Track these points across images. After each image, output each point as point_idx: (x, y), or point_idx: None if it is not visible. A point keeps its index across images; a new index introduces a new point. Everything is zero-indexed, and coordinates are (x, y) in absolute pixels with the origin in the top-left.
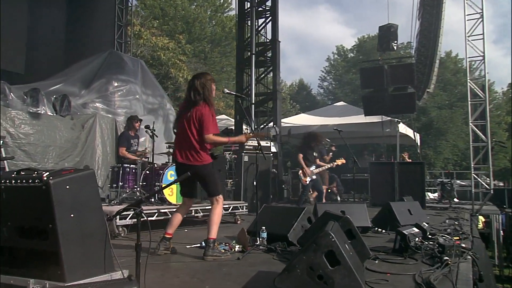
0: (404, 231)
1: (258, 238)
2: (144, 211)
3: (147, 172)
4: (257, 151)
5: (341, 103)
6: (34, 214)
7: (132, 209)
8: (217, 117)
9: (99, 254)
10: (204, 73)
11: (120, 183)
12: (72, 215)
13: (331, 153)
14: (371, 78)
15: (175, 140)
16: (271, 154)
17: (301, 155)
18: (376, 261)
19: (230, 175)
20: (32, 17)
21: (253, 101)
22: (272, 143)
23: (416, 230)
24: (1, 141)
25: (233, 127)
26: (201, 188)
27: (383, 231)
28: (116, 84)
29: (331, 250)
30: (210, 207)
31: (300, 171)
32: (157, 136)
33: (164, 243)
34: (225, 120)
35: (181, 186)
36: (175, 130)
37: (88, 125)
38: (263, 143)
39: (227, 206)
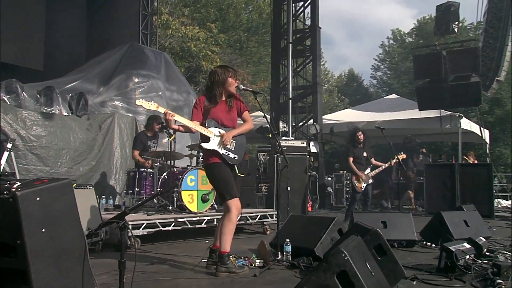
0: (451, 247)
1: (279, 252)
2: (159, 221)
3: (166, 176)
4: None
5: (393, 96)
6: (2, 229)
7: (119, 222)
8: (253, 114)
9: (76, 272)
10: (222, 65)
11: (136, 189)
12: (43, 230)
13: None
14: (426, 66)
15: None
16: (307, 156)
17: (351, 159)
18: (414, 282)
19: (265, 179)
20: (50, 11)
21: (291, 96)
22: (312, 143)
23: (468, 246)
24: (11, 144)
25: (268, 125)
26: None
27: (433, 245)
28: (136, 80)
29: (343, 270)
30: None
31: (354, 178)
32: (171, 137)
33: (212, 257)
34: (261, 117)
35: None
36: None
37: (105, 126)
38: (298, 143)
39: (254, 214)
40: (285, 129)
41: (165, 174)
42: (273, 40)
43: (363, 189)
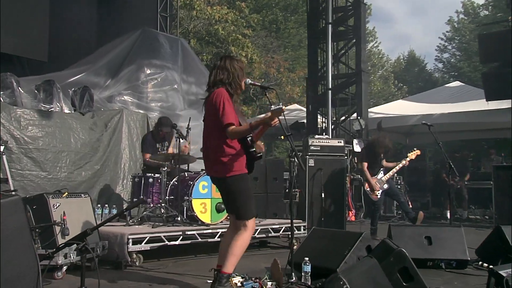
0: (502, 271)
1: (293, 274)
2: (164, 234)
3: (176, 183)
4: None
5: (456, 83)
6: None
7: (82, 242)
8: (289, 107)
9: None
10: (229, 56)
11: (142, 197)
12: None
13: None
14: (495, 47)
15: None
16: (345, 156)
17: (366, 164)
18: None
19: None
20: None
21: (330, 86)
22: (355, 141)
23: None
24: (3, 147)
25: (304, 121)
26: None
27: (490, 266)
28: (149, 72)
29: None
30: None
31: (366, 185)
32: (184, 139)
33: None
34: (297, 111)
35: (223, 201)
36: None
37: (112, 124)
38: (334, 142)
39: (277, 226)
40: (324, 124)
41: (175, 180)
42: (309, 20)
43: (379, 196)
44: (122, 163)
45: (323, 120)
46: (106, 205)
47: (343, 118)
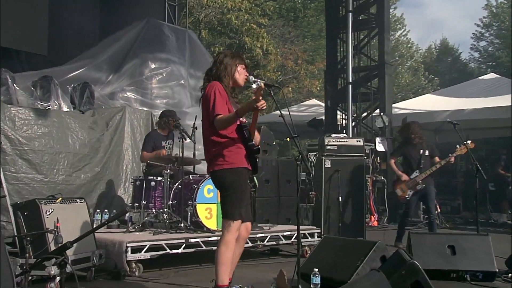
0: None
1: (300, 286)
2: (165, 241)
3: (180, 186)
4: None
5: (491, 75)
6: None
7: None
8: (307, 103)
9: None
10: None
11: (143, 202)
12: None
13: None
14: None
15: None
16: (365, 157)
17: (393, 160)
18: None
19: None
20: None
21: (351, 80)
22: (378, 139)
23: None
24: None
25: (323, 117)
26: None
27: None
28: (153, 66)
29: None
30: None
31: (396, 184)
32: (189, 138)
33: None
34: (316, 106)
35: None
36: None
37: (114, 122)
38: (352, 141)
39: (289, 233)
40: (344, 121)
41: (178, 183)
42: (328, 8)
43: (408, 198)
44: (124, 165)
45: (343, 116)
46: (106, 210)
47: (364, 114)
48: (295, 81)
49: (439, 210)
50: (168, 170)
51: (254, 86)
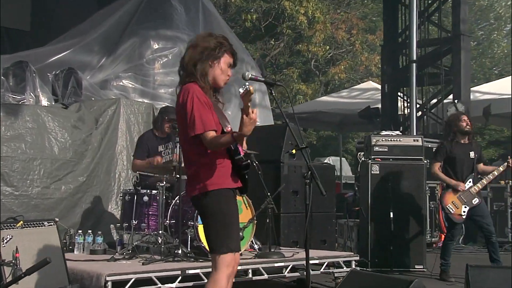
0: None
1: None
2: (156, 274)
3: (179, 202)
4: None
5: None
6: None
7: None
8: (361, 86)
9: None
10: (207, 32)
11: (133, 221)
12: None
13: None
14: None
15: None
16: (424, 161)
17: (437, 165)
18: None
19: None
20: None
21: (415, 57)
22: None
23: None
24: None
25: (379, 106)
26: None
27: None
28: (156, 46)
29: None
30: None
31: (445, 197)
32: None
33: None
34: (372, 91)
35: None
36: None
37: (105, 119)
38: (408, 140)
39: (317, 261)
40: (406, 111)
41: (177, 198)
42: None
43: (464, 216)
44: (116, 172)
45: (405, 104)
46: (90, 231)
47: (434, 101)
48: (348, 57)
49: None
50: (164, 182)
51: (240, 90)
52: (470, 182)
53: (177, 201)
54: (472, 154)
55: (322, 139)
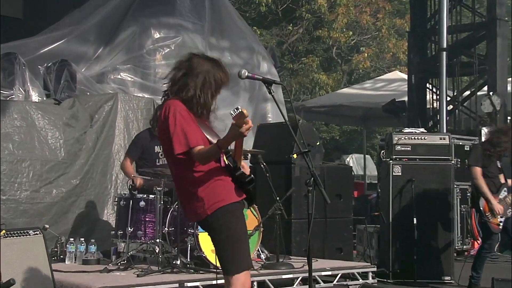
0: None
1: None
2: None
3: (177, 207)
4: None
5: None
6: None
7: None
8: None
9: None
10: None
11: (129, 229)
12: None
13: None
14: None
15: None
16: (452, 162)
17: (479, 170)
18: None
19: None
20: None
21: (445, 45)
22: (484, 130)
23: None
24: None
25: (405, 98)
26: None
27: None
28: (158, 36)
29: None
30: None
31: (484, 204)
32: None
33: None
34: (399, 82)
35: None
36: None
37: (101, 116)
38: (434, 138)
39: (329, 272)
40: (436, 104)
41: (176, 204)
42: None
43: (501, 226)
44: (113, 174)
45: (434, 97)
46: (82, 239)
47: (466, 94)
48: (373, 44)
49: None
50: (162, 186)
51: (232, 113)
52: (505, 191)
53: (177, 206)
54: (499, 164)
55: (346, 133)
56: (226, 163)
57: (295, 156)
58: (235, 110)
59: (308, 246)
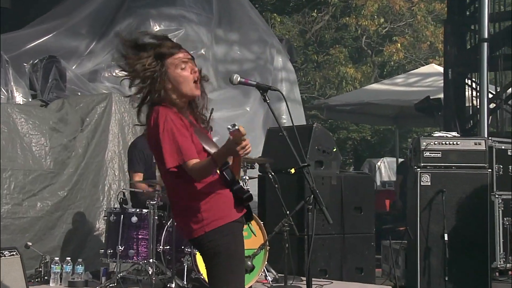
0: None
1: None
2: None
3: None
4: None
5: None
6: None
7: None
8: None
9: None
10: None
11: (120, 247)
12: None
13: None
14: None
15: None
16: (488, 170)
17: None
18: None
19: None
20: None
21: (486, 35)
22: None
23: None
24: None
25: (441, 96)
26: None
27: None
28: (158, 28)
29: None
30: None
31: None
32: None
33: None
34: (435, 76)
35: None
36: None
37: (93, 119)
38: (468, 142)
39: None
40: (476, 102)
41: (172, 219)
42: None
43: None
44: (106, 184)
45: (475, 94)
46: (69, 258)
47: (510, 90)
48: (408, 32)
49: None
50: (156, 199)
51: (229, 128)
52: None
53: (173, 222)
54: None
55: (379, 133)
56: (223, 174)
57: (292, 171)
58: (232, 126)
59: (307, 269)
